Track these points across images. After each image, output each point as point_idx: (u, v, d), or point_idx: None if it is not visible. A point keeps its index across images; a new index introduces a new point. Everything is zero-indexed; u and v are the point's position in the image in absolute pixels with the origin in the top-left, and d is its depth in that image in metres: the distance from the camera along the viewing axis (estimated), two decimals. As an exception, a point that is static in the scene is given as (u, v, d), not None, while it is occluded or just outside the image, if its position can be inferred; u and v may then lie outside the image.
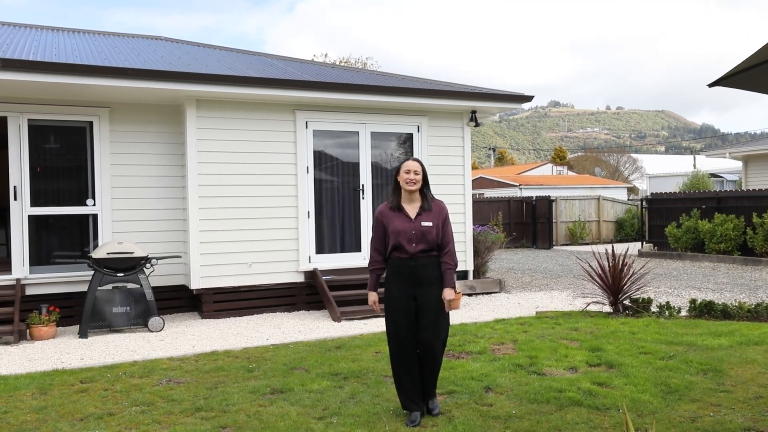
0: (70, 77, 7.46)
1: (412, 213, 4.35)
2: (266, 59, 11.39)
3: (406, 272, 4.29)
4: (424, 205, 4.38)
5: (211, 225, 8.56)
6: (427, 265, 4.31)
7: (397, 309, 4.30)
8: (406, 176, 4.34)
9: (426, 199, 4.40)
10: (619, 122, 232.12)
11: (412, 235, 4.27)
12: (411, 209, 4.37)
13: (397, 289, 4.31)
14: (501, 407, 4.50)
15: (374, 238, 4.46)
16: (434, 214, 4.36)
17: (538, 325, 7.43)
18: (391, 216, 4.36)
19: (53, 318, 7.53)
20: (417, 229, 4.28)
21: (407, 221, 4.31)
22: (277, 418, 4.38)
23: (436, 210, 4.39)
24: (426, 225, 4.29)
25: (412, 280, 4.28)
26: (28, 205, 8.13)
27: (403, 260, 4.30)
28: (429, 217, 4.33)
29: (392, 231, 4.31)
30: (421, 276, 4.28)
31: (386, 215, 4.38)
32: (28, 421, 4.45)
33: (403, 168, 4.39)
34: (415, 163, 4.39)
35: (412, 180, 4.33)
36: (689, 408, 4.41)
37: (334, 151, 9.53)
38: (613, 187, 33.27)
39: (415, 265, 4.28)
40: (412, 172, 4.34)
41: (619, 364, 5.52)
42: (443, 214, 4.42)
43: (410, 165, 4.37)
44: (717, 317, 7.58)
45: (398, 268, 4.32)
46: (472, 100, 9.99)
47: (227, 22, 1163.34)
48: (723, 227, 15.07)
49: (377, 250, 4.44)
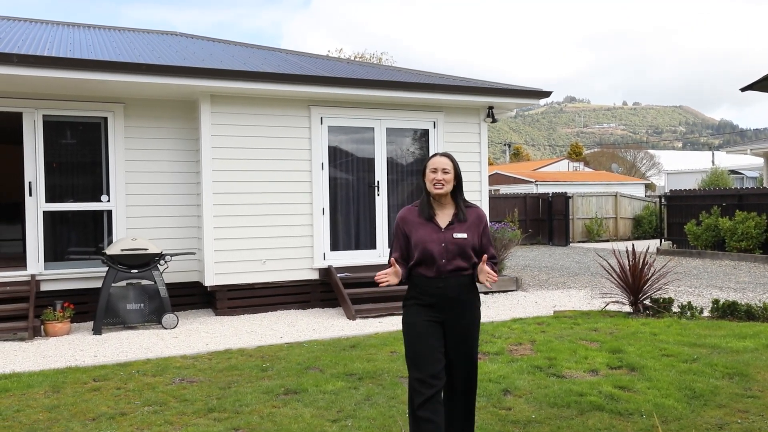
0: (84, 73, 7.42)
1: (442, 222, 3.46)
2: (281, 54, 11.31)
3: (433, 295, 3.39)
4: (458, 214, 3.46)
5: (225, 221, 8.50)
6: (460, 287, 3.41)
7: (419, 337, 3.39)
8: (433, 176, 3.43)
9: (459, 205, 3.49)
10: (635, 118, 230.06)
11: (442, 248, 3.38)
12: (441, 217, 3.48)
13: (419, 314, 3.42)
14: (520, 411, 4.38)
15: (396, 246, 3.53)
16: (470, 224, 3.47)
17: (557, 324, 7.29)
18: (416, 224, 3.47)
19: (68, 314, 7.51)
20: (448, 241, 3.39)
21: (435, 231, 3.42)
22: (290, 420, 4.29)
23: (472, 218, 3.48)
24: (459, 237, 3.40)
25: (440, 304, 3.39)
26: (43, 201, 8.12)
27: (429, 280, 3.39)
28: (463, 228, 3.44)
29: (416, 242, 3.42)
30: (452, 300, 3.40)
31: (409, 222, 3.49)
32: (39, 420, 4.41)
33: (429, 166, 3.47)
34: (443, 159, 3.46)
35: (440, 181, 3.41)
36: (715, 414, 4.26)
37: (349, 147, 9.43)
38: (630, 184, 32.89)
39: (445, 286, 3.38)
40: (439, 170, 3.43)
41: (641, 366, 5.38)
42: (482, 223, 3.51)
43: (437, 162, 3.45)
44: (741, 318, 7.39)
45: (422, 289, 3.41)
46: (490, 96, 9.83)
47: (243, 17, 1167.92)
48: (744, 225, 14.79)
49: (397, 260, 3.49)
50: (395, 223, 3.58)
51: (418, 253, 3.40)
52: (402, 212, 3.58)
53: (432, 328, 3.39)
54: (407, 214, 3.55)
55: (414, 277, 3.46)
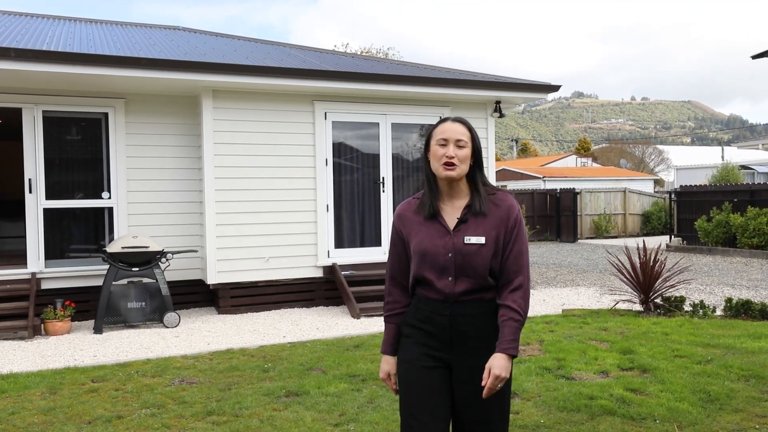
0: (83, 67, 7.30)
1: (451, 219, 2.38)
2: (285, 49, 11.17)
3: (437, 325, 2.36)
4: (474, 205, 2.35)
5: (227, 219, 8.37)
6: (476, 317, 2.34)
7: (415, 387, 2.36)
8: (442, 151, 2.33)
9: (477, 191, 2.38)
10: (644, 113, 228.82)
11: (448, 260, 2.32)
12: (450, 212, 2.39)
13: (417, 352, 2.38)
14: (529, 415, 4.23)
15: (391, 258, 2.53)
16: (493, 219, 2.34)
17: (565, 324, 7.13)
18: (416, 223, 2.42)
19: (68, 313, 7.41)
20: (457, 249, 2.32)
21: (441, 234, 2.36)
22: (291, 424, 4.16)
23: (497, 212, 2.35)
24: (473, 242, 2.31)
25: (447, 339, 2.35)
26: (43, 198, 8.01)
27: (432, 303, 2.37)
28: (481, 226, 2.33)
29: (415, 250, 2.39)
30: (465, 334, 2.34)
31: (408, 221, 2.45)
32: (34, 424, 4.29)
33: (435, 136, 2.37)
34: (457, 126, 2.36)
35: (451, 158, 2.31)
36: (732, 419, 4.10)
37: (353, 142, 9.27)
38: (639, 179, 32.61)
39: (452, 314, 2.34)
40: (451, 143, 2.32)
41: (654, 368, 5.21)
42: (511, 218, 2.36)
43: (449, 130, 2.35)
44: (755, 317, 7.20)
45: (424, 316, 2.39)
46: (497, 90, 9.66)
47: (252, 12, 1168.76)
48: (756, 221, 14.55)
49: (395, 280, 2.50)
50: (392, 223, 2.54)
51: (416, 266, 2.38)
52: (400, 207, 2.52)
53: (432, 377, 2.35)
54: (405, 210, 2.49)
55: (417, 297, 2.44)
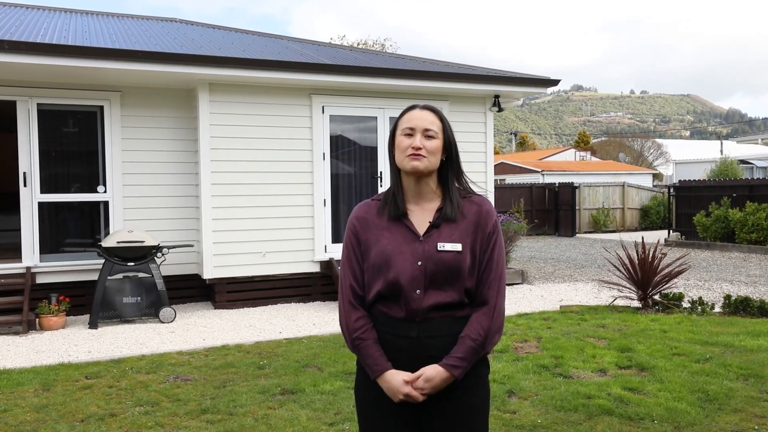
0: (78, 60, 7.21)
1: (419, 222, 2.07)
2: (282, 42, 11.07)
3: (400, 350, 2.02)
4: (445, 208, 2.06)
5: (224, 213, 8.31)
6: (447, 337, 2.01)
7: (378, 425, 2.08)
8: (407, 141, 2.04)
9: (450, 193, 2.08)
10: (643, 106, 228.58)
11: (417, 269, 2.00)
12: (419, 214, 2.08)
13: (377, 389, 2.04)
14: (525, 415, 4.19)
15: (344, 268, 2.13)
16: (467, 225, 2.05)
17: (563, 320, 7.09)
18: (378, 228, 2.08)
19: (63, 308, 7.36)
20: (428, 257, 2.01)
21: (408, 240, 2.04)
22: (285, 423, 4.12)
23: (472, 216, 2.07)
24: (448, 249, 2.01)
25: (412, 369, 2.00)
26: (38, 191, 7.94)
27: (394, 323, 2.03)
28: (456, 232, 2.04)
29: (377, 258, 2.04)
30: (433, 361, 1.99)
31: (370, 225, 2.10)
32: (26, 422, 4.25)
33: (401, 125, 2.09)
34: (425, 114, 2.06)
35: (417, 149, 2.01)
36: (731, 420, 4.06)
37: (351, 136, 9.20)
38: (637, 174, 32.55)
39: (420, 336, 2.01)
40: (418, 132, 2.03)
41: (652, 366, 5.18)
42: (489, 225, 2.07)
43: (415, 118, 2.05)
44: (754, 314, 7.16)
45: (383, 339, 2.04)
46: (496, 84, 9.58)
47: (252, 3, 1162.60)
48: (755, 216, 14.51)
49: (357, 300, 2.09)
50: (346, 227, 2.16)
51: (378, 279, 2.03)
52: (358, 209, 2.15)
53: (395, 414, 2.03)
54: (365, 212, 2.13)
55: (375, 316, 2.07)
